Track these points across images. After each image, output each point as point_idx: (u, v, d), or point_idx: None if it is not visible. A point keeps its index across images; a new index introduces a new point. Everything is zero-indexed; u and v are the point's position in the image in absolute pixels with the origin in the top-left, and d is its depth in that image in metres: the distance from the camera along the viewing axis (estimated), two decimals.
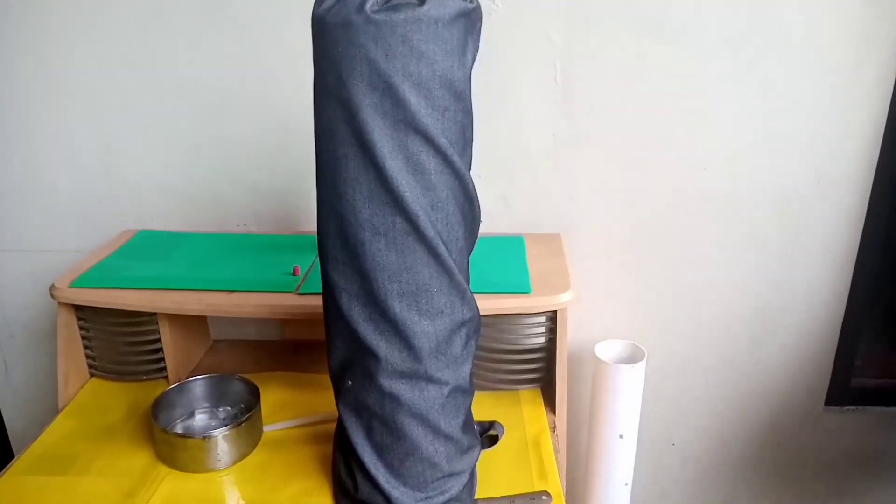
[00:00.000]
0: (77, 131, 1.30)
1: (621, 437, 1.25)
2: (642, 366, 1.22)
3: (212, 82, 1.25)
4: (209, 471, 0.96)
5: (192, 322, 1.20)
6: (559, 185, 1.28)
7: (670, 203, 1.29)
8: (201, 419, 1.06)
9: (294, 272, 1.13)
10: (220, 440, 0.96)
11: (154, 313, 1.10)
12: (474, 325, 0.84)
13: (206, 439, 0.95)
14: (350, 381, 0.82)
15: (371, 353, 0.78)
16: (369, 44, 0.68)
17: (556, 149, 1.26)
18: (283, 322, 1.32)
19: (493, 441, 1.00)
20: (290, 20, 1.20)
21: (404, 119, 0.70)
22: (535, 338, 1.11)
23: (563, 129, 1.25)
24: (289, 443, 1.02)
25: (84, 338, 1.16)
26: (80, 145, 1.31)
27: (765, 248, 1.31)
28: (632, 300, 1.35)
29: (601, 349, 1.25)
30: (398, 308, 0.76)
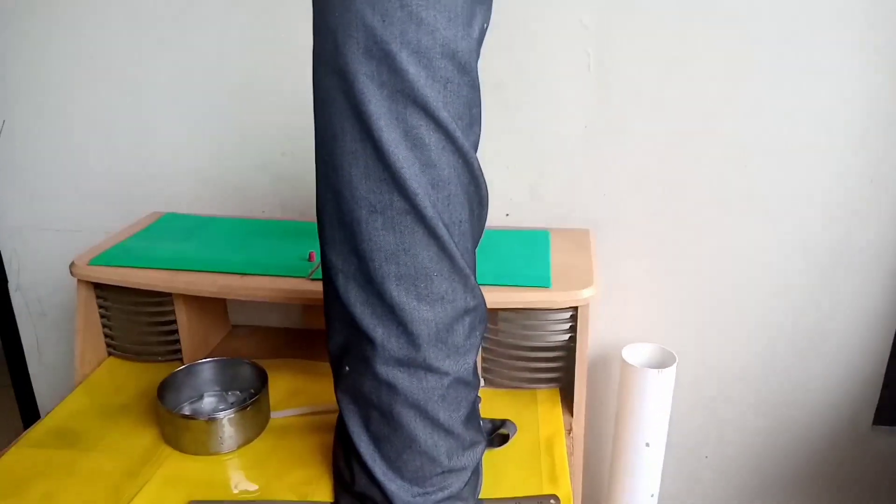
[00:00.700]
0: (111, 114, 1.32)
1: (648, 445, 1.19)
2: (672, 371, 1.16)
3: (242, 67, 1.24)
4: (213, 454, 0.94)
5: (209, 305, 1.19)
6: (591, 178, 1.23)
7: (710, 200, 1.21)
8: (210, 402, 1.05)
9: (310, 258, 1.11)
10: (225, 423, 0.94)
11: (170, 294, 1.10)
12: (479, 314, 0.80)
13: (210, 421, 0.94)
14: (347, 368, 0.79)
15: (367, 338, 0.75)
16: (366, 9, 0.65)
17: (588, 140, 1.20)
18: (303, 310, 1.30)
19: (503, 440, 0.95)
20: None
21: (402, 89, 0.66)
22: (556, 335, 1.06)
23: (597, 120, 1.19)
24: (295, 431, 0.99)
25: (103, 316, 1.16)
26: (113, 128, 1.33)
27: (811, 250, 1.22)
28: (665, 302, 1.28)
29: (629, 352, 1.20)
30: (395, 292, 0.73)
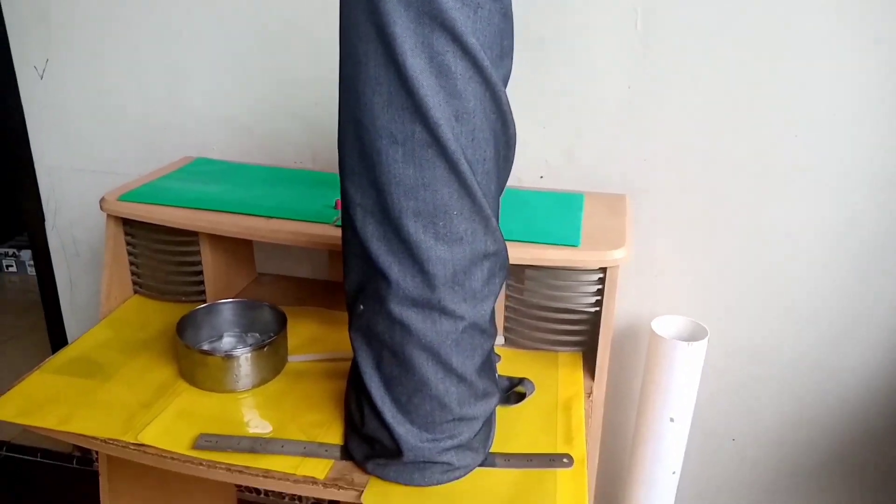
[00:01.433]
0: (146, 59, 1.32)
1: (672, 420, 1.15)
2: (702, 345, 1.12)
3: (279, 15, 1.23)
4: (228, 391, 0.95)
5: (235, 248, 1.19)
6: (630, 143, 1.18)
7: (753, 171, 1.16)
8: (228, 342, 1.05)
9: (336, 205, 1.09)
10: (242, 361, 0.94)
11: (197, 234, 1.10)
12: (500, 261, 0.77)
13: (227, 358, 0.94)
14: (362, 307, 0.77)
15: (382, 276, 0.73)
16: None
17: (630, 102, 1.16)
18: (330, 261, 1.29)
19: (519, 398, 0.93)
20: None
21: (429, 11, 0.63)
22: (583, 297, 1.02)
23: (640, 81, 1.14)
24: (311, 375, 0.99)
25: (131, 254, 1.17)
26: (148, 72, 1.33)
27: (858, 230, 1.16)
28: (700, 275, 1.24)
29: (659, 324, 1.16)
30: (413, 228, 0.70)
